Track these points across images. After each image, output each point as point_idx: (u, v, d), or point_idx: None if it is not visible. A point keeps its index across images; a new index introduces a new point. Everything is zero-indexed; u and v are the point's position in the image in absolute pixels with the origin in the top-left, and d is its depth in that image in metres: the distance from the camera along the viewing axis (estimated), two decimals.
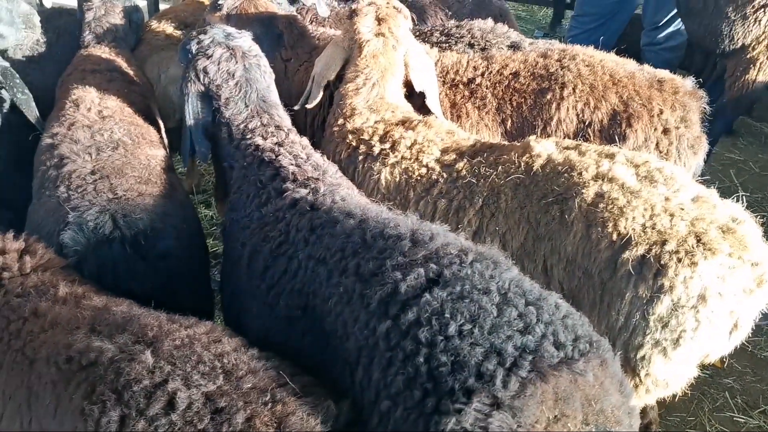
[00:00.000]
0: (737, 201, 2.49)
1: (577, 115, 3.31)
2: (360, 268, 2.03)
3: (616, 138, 3.22)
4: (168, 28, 4.52)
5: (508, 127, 3.40)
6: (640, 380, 2.33)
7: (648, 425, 3.03)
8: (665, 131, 3.26)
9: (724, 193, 2.52)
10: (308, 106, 3.35)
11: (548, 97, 3.34)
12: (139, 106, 3.37)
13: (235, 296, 2.60)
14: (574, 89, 3.33)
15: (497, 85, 3.45)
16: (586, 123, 3.30)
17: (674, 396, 3.48)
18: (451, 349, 1.71)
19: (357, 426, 1.85)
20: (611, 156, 2.55)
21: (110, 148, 2.80)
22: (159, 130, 3.46)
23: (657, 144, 3.23)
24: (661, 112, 3.26)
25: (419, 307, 1.81)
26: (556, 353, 1.69)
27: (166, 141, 3.56)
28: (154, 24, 4.53)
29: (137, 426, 1.66)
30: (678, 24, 5.45)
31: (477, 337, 1.71)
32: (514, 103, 3.40)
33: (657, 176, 2.43)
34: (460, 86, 3.51)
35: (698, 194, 2.41)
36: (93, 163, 2.70)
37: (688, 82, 3.42)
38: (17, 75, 3.19)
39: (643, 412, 2.96)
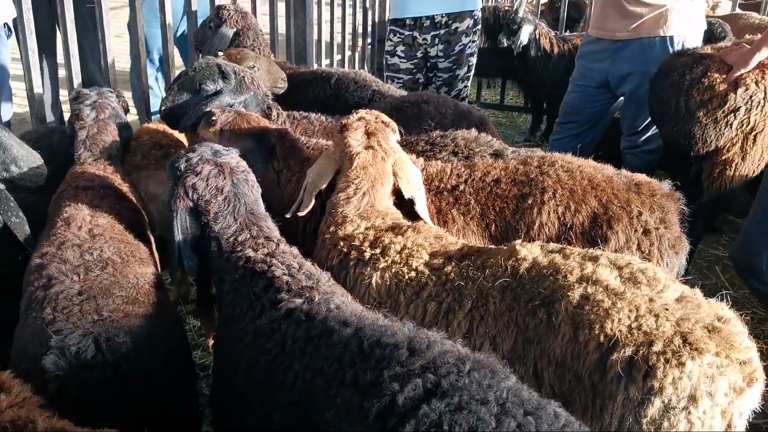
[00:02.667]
0: (722, 299, 2.55)
1: (559, 218, 3.40)
2: (358, 379, 2.03)
3: (598, 240, 3.30)
4: (144, 148, 4.67)
5: (492, 231, 3.48)
6: None
7: None
8: (645, 232, 3.34)
9: (711, 290, 2.58)
10: (300, 214, 3.43)
11: (529, 201, 3.45)
12: (131, 221, 3.41)
13: (227, 411, 2.57)
14: (554, 194, 3.44)
15: (480, 191, 3.56)
16: (568, 226, 3.39)
17: None
18: None
19: None
20: (594, 258, 2.62)
21: (99, 268, 2.81)
22: (150, 246, 3.51)
23: (638, 245, 3.31)
24: (640, 213, 3.36)
25: (417, 419, 1.81)
26: None
27: (157, 256, 3.60)
28: (131, 144, 4.65)
29: None
30: (656, 128, 5.66)
31: None
32: (497, 208, 3.50)
33: (640, 277, 2.50)
34: (445, 193, 3.62)
35: (682, 294, 2.47)
36: (81, 284, 2.70)
37: (665, 185, 3.54)
38: (11, 198, 3.22)
39: None
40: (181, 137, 4.96)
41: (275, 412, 2.27)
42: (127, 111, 4.41)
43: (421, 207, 3.37)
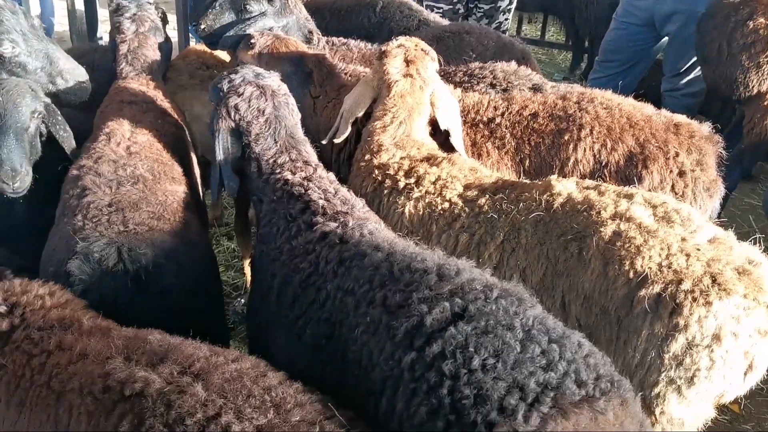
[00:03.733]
0: (754, 244, 2.55)
1: (594, 155, 3.38)
2: (387, 299, 2.10)
3: (633, 179, 3.28)
4: (190, 68, 4.66)
5: (526, 166, 3.48)
6: (655, 418, 2.37)
7: None
8: (681, 174, 3.32)
9: (743, 238, 2.56)
10: (336, 141, 3.46)
11: (566, 137, 3.43)
12: (171, 139, 3.48)
13: (262, 327, 2.69)
14: (591, 131, 3.41)
15: (516, 125, 3.54)
16: (603, 164, 3.37)
17: None
18: (474, 382, 1.77)
19: None
20: (630, 196, 2.63)
21: (130, 183, 2.91)
22: (190, 163, 3.56)
23: (672, 186, 3.29)
24: (677, 155, 3.33)
25: (444, 340, 1.87)
26: (578, 391, 1.75)
27: (198, 173, 3.66)
28: (178, 63, 4.68)
29: None
30: (698, 71, 5.54)
31: (500, 371, 1.77)
32: (533, 143, 3.49)
33: (674, 217, 2.50)
34: (480, 125, 3.61)
35: (715, 235, 2.47)
36: (111, 196, 2.81)
37: (705, 127, 3.49)
38: (59, 111, 3.31)
39: None
40: (228, 59, 4.95)
41: (306, 328, 2.36)
42: (165, 22, 4.42)
43: (457, 139, 3.37)
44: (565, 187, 2.74)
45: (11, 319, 2.23)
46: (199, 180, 3.68)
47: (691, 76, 5.80)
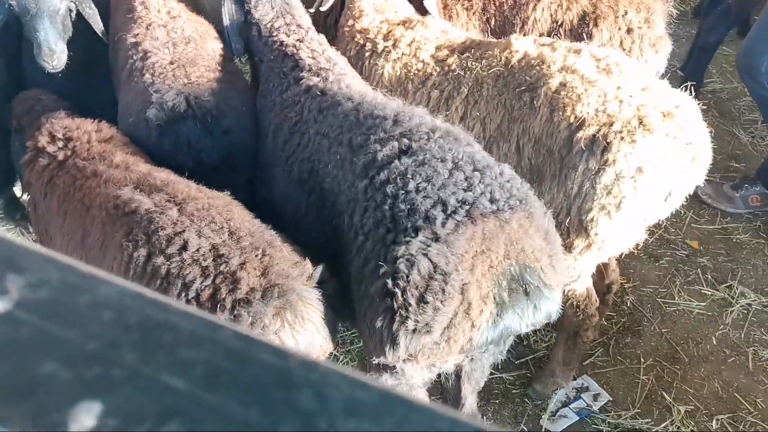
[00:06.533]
0: (685, 90, 2.93)
1: (551, 15, 3.67)
2: (351, 141, 2.59)
3: (584, 36, 3.58)
4: None
5: (492, 25, 3.78)
6: (591, 239, 2.84)
7: (609, 285, 3.58)
8: (629, 31, 3.59)
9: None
10: (322, 9, 3.75)
11: None
12: (192, 4, 3.80)
13: (263, 166, 3.18)
14: None
15: None
16: (559, 23, 3.67)
17: (650, 270, 4.03)
18: (409, 200, 2.27)
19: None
20: (578, 51, 2.97)
21: (183, 43, 3.32)
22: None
23: (621, 42, 3.58)
24: (626, 13, 3.59)
25: (389, 170, 2.37)
26: (490, 206, 2.24)
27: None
28: None
29: (157, 260, 2.23)
30: None
31: (429, 192, 2.27)
32: (497, 2, 3.78)
33: (614, 68, 2.86)
34: None
35: (648, 85, 2.84)
36: (171, 56, 3.22)
37: None
38: None
39: (605, 273, 3.51)
40: None
41: (294, 165, 2.86)
42: None
43: (431, 2, 3.66)
44: (523, 44, 3.07)
45: (65, 150, 2.86)
46: None
47: None
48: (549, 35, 3.63)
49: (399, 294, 2.16)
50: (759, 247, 4.51)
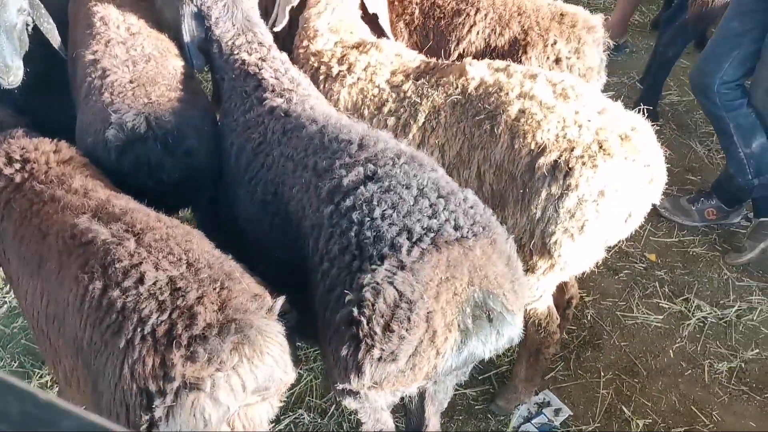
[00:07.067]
0: (639, 112, 2.99)
1: (485, 39, 3.70)
2: (317, 165, 2.58)
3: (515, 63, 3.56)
4: None
5: (430, 39, 3.81)
6: (554, 260, 2.87)
7: (569, 300, 3.63)
8: (557, 60, 3.61)
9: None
10: (275, 30, 3.70)
11: (462, 18, 3.74)
12: (154, 17, 3.73)
13: (225, 185, 3.14)
14: (485, 15, 3.72)
15: (425, 0, 3.85)
16: (492, 47, 3.70)
17: (610, 284, 4.10)
18: (375, 227, 2.27)
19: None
20: (534, 76, 3.00)
21: (144, 61, 3.26)
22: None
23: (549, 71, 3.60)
24: (555, 42, 3.61)
25: (355, 196, 2.36)
26: (454, 233, 2.25)
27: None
28: None
29: (113, 293, 2.17)
30: None
31: (394, 219, 2.27)
32: (435, 18, 3.81)
33: (570, 93, 2.90)
34: (395, 2, 3.90)
35: (604, 107, 2.89)
36: (131, 74, 3.16)
37: (596, 18, 3.70)
38: (42, 5, 3.48)
39: (565, 288, 3.56)
40: None
41: (257, 187, 2.83)
42: None
43: (384, 21, 3.67)
44: (477, 71, 3.09)
45: (22, 173, 2.77)
46: None
47: None
48: (482, 57, 3.63)
49: (365, 322, 2.15)
50: (714, 259, 4.63)
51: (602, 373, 3.88)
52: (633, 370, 3.93)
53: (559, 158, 2.71)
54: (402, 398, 2.76)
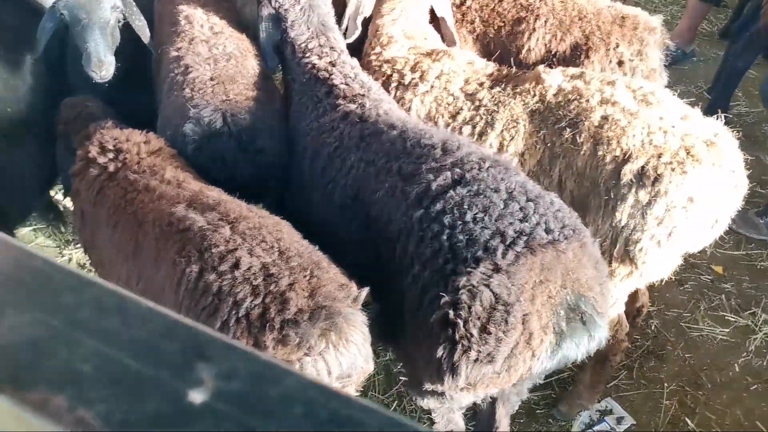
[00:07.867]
0: (717, 118, 2.98)
1: (545, 45, 3.71)
2: (401, 169, 2.61)
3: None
4: None
5: (491, 49, 3.82)
6: (637, 267, 2.87)
7: (640, 308, 3.61)
8: (620, 63, 3.60)
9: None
10: (348, 41, 3.70)
11: (522, 26, 3.76)
12: (235, 19, 3.81)
13: (299, 190, 3.17)
14: (545, 22, 3.73)
15: (484, 8, 3.87)
16: (553, 53, 3.71)
17: (675, 295, 4.05)
18: (467, 230, 2.30)
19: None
20: (612, 83, 3.01)
21: (224, 60, 3.34)
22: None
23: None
24: (617, 45, 3.60)
25: (445, 200, 2.39)
26: (546, 236, 2.27)
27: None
28: None
29: (209, 277, 2.24)
30: None
31: (487, 222, 2.30)
32: (496, 27, 3.83)
33: (651, 99, 2.91)
34: (453, 8, 3.90)
35: (686, 113, 2.89)
36: (212, 72, 3.24)
37: (654, 19, 3.71)
38: (134, 3, 3.58)
39: (637, 296, 3.54)
40: None
41: (335, 191, 2.86)
42: None
43: (452, 25, 3.73)
44: (553, 78, 3.10)
45: (116, 162, 2.87)
46: None
47: None
48: (543, 63, 3.61)
49: (461, 324, 2.18)
50: None
51: (666, 384, 3.85)
52: (697, 382, 3.88)
53: (646, 164, 2.71)
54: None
